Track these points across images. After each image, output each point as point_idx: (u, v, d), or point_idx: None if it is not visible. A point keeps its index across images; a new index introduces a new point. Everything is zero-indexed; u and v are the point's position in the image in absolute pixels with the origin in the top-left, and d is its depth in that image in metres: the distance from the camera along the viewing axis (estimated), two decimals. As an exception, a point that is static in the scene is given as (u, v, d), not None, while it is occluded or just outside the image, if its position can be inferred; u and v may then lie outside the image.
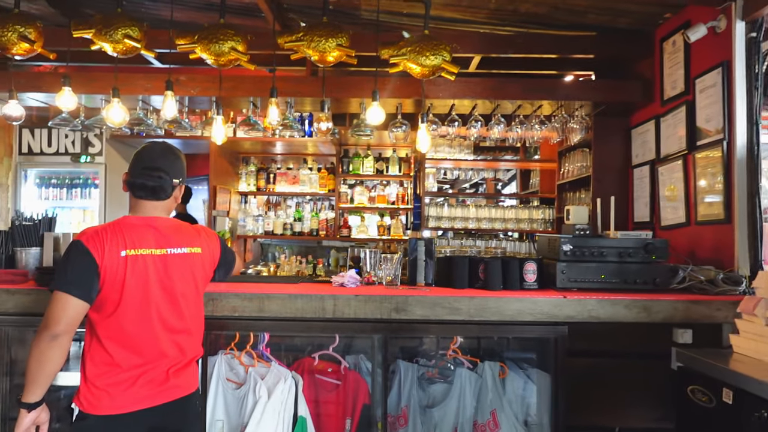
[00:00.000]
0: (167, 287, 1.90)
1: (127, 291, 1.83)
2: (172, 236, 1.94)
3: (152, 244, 1.89)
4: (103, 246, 1.81)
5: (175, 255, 1.92)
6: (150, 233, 1.90)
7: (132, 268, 1.83)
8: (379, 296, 2.49)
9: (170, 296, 1.91)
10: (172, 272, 1.91)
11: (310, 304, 2.49)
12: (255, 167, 5.99)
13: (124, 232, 1.86)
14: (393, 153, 6.04)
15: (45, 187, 5.35)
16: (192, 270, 1.97)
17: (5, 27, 2.74)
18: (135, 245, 1.85)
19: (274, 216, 5.92)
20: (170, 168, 1.97)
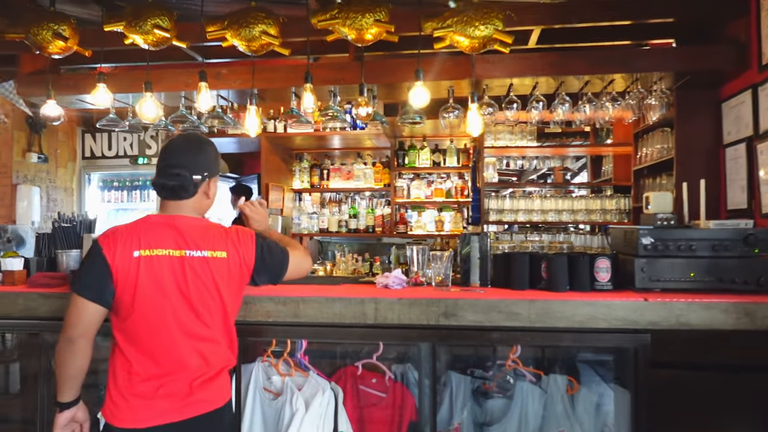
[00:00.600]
0: (184, 292, 1.73)
1: (140, 293, 1.70)
2: (193, 238, 1.76)
3: (171, 244, 1.74)
4: (116, 245, 1.71)
5: (194, 258, 1.74)
6: (169, 233, 1.75)
7: (145, 270, 1.70)
8: (426, 299, 2.21)
9: (188, 301, 1.74)
10: (190, 276, 1.74)
11: (349, 308, 2.25)
12: (308, 164, 5.84)
13: (140, 232, 1.74)
14: (450, 144, 5.71)
15: (107, 190, 5.46)
16: (213, 275, 1.77)
17: (40, 26, 2.68)
18: (150, 245, 1.72)
19: (329, 213, 5.76)
20: (191, 163, 1.80)
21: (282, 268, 1.95)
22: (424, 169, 5.74)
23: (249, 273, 1.86)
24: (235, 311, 1.89)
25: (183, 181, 1.78)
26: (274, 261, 1.92)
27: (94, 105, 3.97)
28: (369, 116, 2.83)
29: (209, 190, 1.87)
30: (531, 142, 4.86)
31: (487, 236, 2.54)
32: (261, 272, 1.89)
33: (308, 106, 2.69)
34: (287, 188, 5.65)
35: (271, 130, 5.12)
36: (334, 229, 5.71)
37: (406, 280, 2.53)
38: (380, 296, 2.25)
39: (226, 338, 1.84)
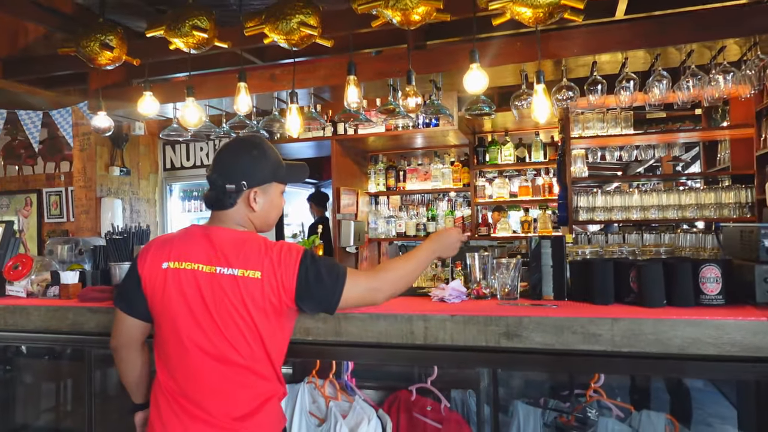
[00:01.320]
0: (213, 312, 1.56)
1: (165, 307, 1.59)
2: (226, 253, 1.57)
3: (202, 258, 1.58)
4: (147, 255, 1.64)
5: (224, 276, 1.55)
6: (203, 246, 1.59)
7: (172, 283, 1.58)
8: (483, 317, 1.86)
9: (217, 324, 1.56)
10: (219, 296, 1.55)
11: (394, 326, 1.96)
12: (384, 165, 5.62)
13: (175, 242, 1.63)
14: (536, 137, 5.22)
15: (188, 200, 5.59)
16: (243, 298, 1.54)
17: (88, 37, 2.67)
18: (180, 257, 1.59)
19: (406, 216, 5.49)
20: (224, 170, 1.63)
21: (331, 298, 1.63)
22: (507, 165, 5.30)
23: (290, 299, 1.59)
24: (279, 339, 1.64)
25: (216, 190, 1.63)
26: (320, 289, 1.61)
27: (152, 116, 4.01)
28: (418, 107, 2.51)
29: (255, 201, 1.65)
30: (627, 130, 4.26)
31: (563, 240, 2.13)
32: (305, 299, 1.60)
33: (353, 101, 2.44)
34: (362, 192, 5.47)
35: (342, 133, 4.95)
36: (412, 233, 5.44)
37: (466, 293, 2.19)
38: (430, 312, 1.94)
39: (267, 367, 1.62)
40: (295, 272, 1.57)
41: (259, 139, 1.75)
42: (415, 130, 4.76)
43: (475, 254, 2.25)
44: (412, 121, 3.43)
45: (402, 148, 5.64)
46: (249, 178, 1.63)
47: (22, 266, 2.72)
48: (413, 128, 4.75)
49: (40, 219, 5.72)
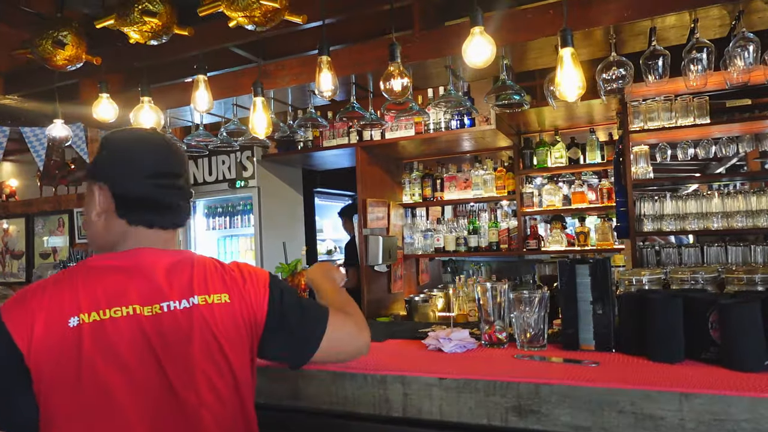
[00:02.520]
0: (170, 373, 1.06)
1: (87, 392, 1.00)
2: (174, 280, 1.12)
3: (135, 297, 1.07)
4: (33, 312, 1.01)
5: (177, 313, 1.09)
6: (134, 281, 1.09)
7: (94, 346, 1.01)
8: (484, 382, 1.29)
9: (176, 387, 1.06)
10: (174, 346, 1.07)
11: (364, 390, 1.42)
12: (419, 173, 5.07)
13: (79, 283, 1.06)
14: (591, 135, 4.51)
15: (212, 217, 5.28)
16: (213, 332, 1.10)
17: (41, 36, 2.33)
18: (100, 304, 1.04)
19: (445, 229, 4.91)
20: (185, 171, 1.24)
21: (312, 335, 1.24)
22: (559, 169, 4.61)
23: (259, 331, 1.19)
24: (252, 389, 1.21)
25: (184, 197, 1.21)
26: (298, 321, 1.23)
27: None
28: (405, 90, 1.96)
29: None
30: (702, 119, 3.48)
31: (606, 264, 1.52)
32: (275, 334, 1.20)
33: (326, 89, 1.94)
34: (394, 204, 4.94)
35: (367, 138, 4.46)
36: (452, 247, 4.83)
37: (473, 342, 1.62)
38: (413, 372, 1.38)
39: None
40: (265, 294, 1.20)
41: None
42: (447, 132, 4.19)
43: (487, 285, 1.67)
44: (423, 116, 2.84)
45: (439, 154, 5.06)
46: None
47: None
48: (446, 130, 4.18)
49: (71, 240, 5.59)
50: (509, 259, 5.47)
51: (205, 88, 2.28)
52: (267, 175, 4.98)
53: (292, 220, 5.32)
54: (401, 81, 1.91)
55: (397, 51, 1.97)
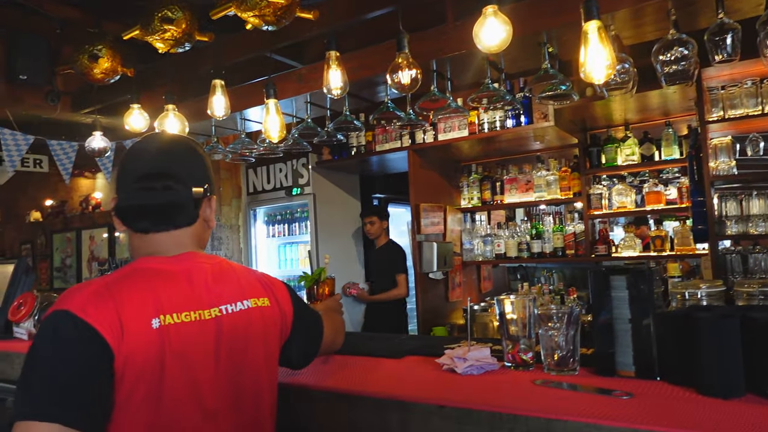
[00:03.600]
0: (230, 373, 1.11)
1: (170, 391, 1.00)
2: (223, 284, 1.14)
3: (194, 302, 1.07)
4: (115, 311, 0.97)
5: (235, 315, 1.12)
6: (194, 284, 1.10)
7: (174, 348, 1.01)
8: (488, 413, 1.11)
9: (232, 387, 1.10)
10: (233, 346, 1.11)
11: (362, 414, 1.28)
12: (478, 176, 4.84)
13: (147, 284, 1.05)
14: (667, 128, 4.09)
15: (272, 225, 5.33)
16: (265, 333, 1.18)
17: (79, 51, 2.40)
18: (174, 306, 1.04)
19: (506, 234, 4.64)
20: (183, 168, 1.16)
21: (319, 335, 1.41)
22: (631, 167, 4.22)
23: (287, 335, 1.26)
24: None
25: (176, 197, 1.13)
26: (310, 322, 1.39)
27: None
28: (414, 82, 1.78)
29: (211, 214, 1.22)
30: (796, 105, 3.01)
31: (648, 276, 1.28)
32: (295, 338, 1.28)
33: (335, 86, 1.81)
34: (451, 208, 4.74)
35: (420, 141, 4.31)
36: (513, 253, 4.56)
37: (494, 362, 1.43)
38: (413, 398, 1.22)
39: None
40: (289, 300, 1.27)
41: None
42: (503, 131, 3.95)
43: (511, 298, 1.47)
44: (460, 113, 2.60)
45: (498, 155, 4.81)
46: (209, 179, 1.21)
47: (24, 306, 2.49)
48: (501, 129, 3.95)
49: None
50: (585, 266, 5.10)
51: (222, 93, 2.24)
52: (322, 182, 4.96)
53: (349, 226, 5.26)
54: (410, 73, 1.76)
55: (404, 40, 1.82)
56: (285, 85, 2.90)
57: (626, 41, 2.47)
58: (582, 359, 1.39)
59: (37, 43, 3.21)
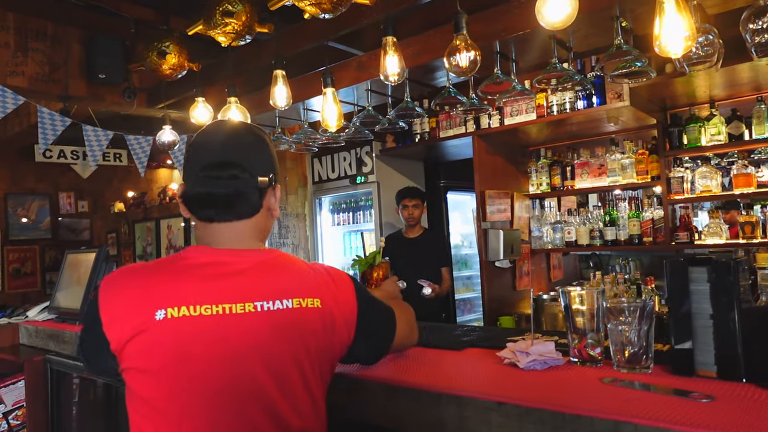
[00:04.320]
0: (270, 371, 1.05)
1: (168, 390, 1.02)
2: (268, 280, 1.09)
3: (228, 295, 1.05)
4: (120, 298, 1.04)
5: (278, 312, 1.05)
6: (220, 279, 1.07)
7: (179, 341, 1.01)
8: (550, 412, 1.05)
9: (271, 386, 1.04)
10: (274, 344, 1.04)
11: (416, 407, 1.25)
12: (547, 161, 4.65)
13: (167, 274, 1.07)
14: (759, 104, 3.74)
15: (336, 213, 5.38)
16: (304, 337, 1.07)
17: (148, 48, 2.49)
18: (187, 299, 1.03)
19: (577, 221, 4.44)
20: (249, 157, 1.14)
21: (389, 333, 1.29)
22: (716, 148, 3.90)
23: (350, 335, 1.16)
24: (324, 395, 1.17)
25: (241, 186, 1.12)
26: (379, 320, 1.27)
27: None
28: (473, 64, 1.69)
29: (275, 203, 1.21)
30: None
31: (735, 265, 1.16)
32: (362, 338, 1.18)
33: (392, 72, 1.76)
34: (519, 194, 4.59)
35: (485, 126, 4.19)
36: (585, 241, 4.36)
37: (558, 357, 1.36)
38: (469, 392, 1.18)
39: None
40: (353, 298, 1.18)
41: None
42: (574, 113, 3.75)
43: (577, 290, 1.39)
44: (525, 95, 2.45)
45: (569, 138, 4.59)
46: (274, 169, 1.18)
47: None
48: (571, 111, 3.76)
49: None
50: (664, 254, 4.81)
51: (284, 83, 2.26)
52: (386, 170, 4.94)
53: (414, 215, 5.21)
54: (468, 55, 1.68)
55: (462, 21, 1.74)
56: (345, 73, 2.89)
57: (710, 10, 2.27)
58: (656, 356, 1.29)
59: (114, 42, 3.38)
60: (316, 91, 2.87)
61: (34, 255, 7.79)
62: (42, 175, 7.91)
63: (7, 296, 7.35)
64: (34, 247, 7.81)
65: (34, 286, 7.76)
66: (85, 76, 3.49)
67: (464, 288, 5.85)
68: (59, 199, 8.06)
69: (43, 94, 3.48)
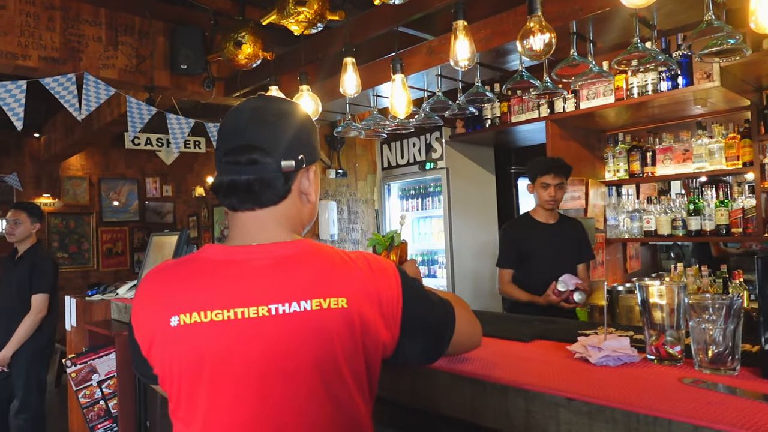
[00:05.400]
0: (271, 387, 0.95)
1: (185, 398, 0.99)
2: (287, 278, 0.97)
3: (238, 299, 0.95)
4: (145, 303, 1.02)
5: (288, 318, 0.94)
6: (240, 280, 0.97)
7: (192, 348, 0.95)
8: (623, 412, 1.01)
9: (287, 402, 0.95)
10: (281, 356, 0.94)
11: (482, 398, 1.24)
12: (625, 146, 4.43)
13: (185, 277, 1.01)
14: None
15: (405, 199, 5.39)
16: (333, 344, 0.95)
17: (225, 39, 2.59)
18: (199, 304, 0.95)
19: (657, 210, 4.21)
20: (271, 138, 1.03)
21: (444, 330, 1.11)
22: (820, 131, 3.57)
23: (392, 334, 1.02)
24: (367, 404, 1.04)
25: (262, 171, 1.01)
26: (432, 317, 1.09)
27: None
28: (548, 48, 1.60)
29: (310, 187, 1.09)
30: None
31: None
32: (409, 334, 1.04)
33: (462, 58, 1.72)
34: (594, 181, 4.40)
35: (559, 111, 4.04)
36: (666, 231, 4.13)
37: (634, 354, 1.30)
38: (536, 387, 1.16)
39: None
40: (399, 294, 1.01)
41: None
42: (656, 95, 3.54)
43: (656, 284, 1.32)
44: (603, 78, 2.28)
45: (650, 122, 4.33)
46: (307, 150, 1.07)
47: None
48: (653, 93, 3.54)
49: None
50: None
51: (354, 70, 2.27)
52: (456, 156, 4.89)
53: (483, 200, 5.14)
54: (542, 38, 1.61)
55: (536, 2, 1.67)
56: (414, 59, 2.87)
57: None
58: (744, 358, 1.21)
59: (194, 34, 3.53)
60: (385, 77, 2.87)
61: (124, 236, 8.38)
62: (131, 162, 8.47)
63: (101, 274, 7.97)
64: (124, 229, 8.39)
65: (124, 265, 8.36)
66: (169, 67, 3.68)
67: (534, 277, 5.71)
68: (146, 184, 8.59)
69: (131, 85, 3.70)
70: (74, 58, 3.37)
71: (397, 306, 1.01)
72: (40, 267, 3.63)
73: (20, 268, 3.63)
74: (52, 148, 7.24)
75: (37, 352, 3.62)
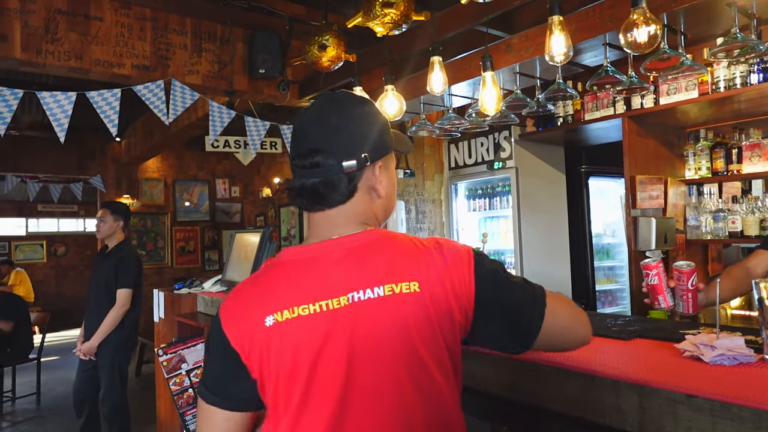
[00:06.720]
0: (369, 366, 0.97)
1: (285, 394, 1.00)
2: (358, 267, 1.00)
3: (323, 291, 0.98)
4: (236, 311, 1.03)
5: (365, 304, 0.96)
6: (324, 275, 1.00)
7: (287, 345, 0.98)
8: (752, 410, 0.98)
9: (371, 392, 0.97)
10: (368, 339, 0.96)
11: (592, 393, 1.24)
12: (707, 143, 4.23)
13: (271, 281, 1.04)
14: None
15: (472, 199, 5.36)
16: (407, 327, 0.96)
17: (309, 42, 2.67)
18: (292, 300, 0.99)
19: (743, 210, 4.00)
20: (333, 138, 1.03)
21: (530, 320, 1.04)
22: None
23: (466, 316, 1.00)
24: (454, 389, 1.04)
25: (326, 174, 1.02)
26: (513, 302, 1.04)
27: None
28: (653, 40, 1.55)
29: (379, 182, 1.08)
30: None
31: None
32: (484, 317, 1.01)
33: (558, 53, 1.69)
34: (673, 180, 4.23)
35: (636, 107, 3.91)
36: (753, 232, 3.92)
37: (750, 354, 1.26)
38: (653, 382, 1.14)
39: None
40: (471, 277, 1.00)
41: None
42: (745, 88, 3.36)
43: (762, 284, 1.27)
44: (728, 75, 2.21)
45: (735, 117, 4.11)
46: (373, 145, 1.05)
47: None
48: (742, 86, 3.37)
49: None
50: None
51: (441, 69, 2.29)
52: (525, 155, 4.82)
53: (553, 200, 5.04)
54: (647, 29, 1.57)
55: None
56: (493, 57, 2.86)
57: None
58: None
59: (272, 39, 3.67)
60: (463, 76, 2.89)
61: (195, 235, 8.75)
62: (202, 164, 8.84)
63: (174, 271, 8.36)
64: (195, 228, 8.76)
65: (196, 263, 8.72)
66: (247, 72, 3.83)
67: (605, 279, 5.55)
68: (216, 185, 8.94)
69: (213, 90, 3.88)
70: (163, 66, 3.57)
71: (469, 286, 0.99)
72: (126, 263, 3.76)
73: (107, 264, 3.78)
74: (132, 152, 7.67)
75: (121, 344, 3.73)
